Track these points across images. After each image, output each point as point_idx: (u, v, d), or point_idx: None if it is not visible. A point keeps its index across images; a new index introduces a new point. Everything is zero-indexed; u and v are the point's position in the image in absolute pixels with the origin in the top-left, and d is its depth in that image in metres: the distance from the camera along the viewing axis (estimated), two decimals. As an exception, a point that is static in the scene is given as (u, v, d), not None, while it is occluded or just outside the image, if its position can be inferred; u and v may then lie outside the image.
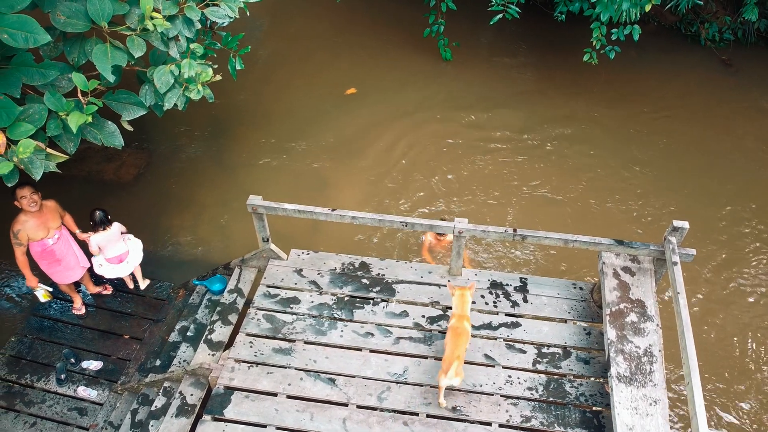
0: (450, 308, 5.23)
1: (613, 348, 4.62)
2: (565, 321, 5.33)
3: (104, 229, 5.70)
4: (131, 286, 6.35)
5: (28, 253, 5.41)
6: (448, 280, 5.36)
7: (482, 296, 5.51)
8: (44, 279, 5.85)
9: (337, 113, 8.82)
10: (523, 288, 5.59)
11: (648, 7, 7.26)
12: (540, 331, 5.22)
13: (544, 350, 5.09)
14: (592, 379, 4.89)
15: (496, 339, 5.18)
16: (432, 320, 5.33)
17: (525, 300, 5.48)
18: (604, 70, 9.39)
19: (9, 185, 3.97)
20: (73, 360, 5.77)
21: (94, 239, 5.68)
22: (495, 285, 5.62)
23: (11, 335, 6.04)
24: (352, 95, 8.49)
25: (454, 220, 5.22)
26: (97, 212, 5.66)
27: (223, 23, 5.28)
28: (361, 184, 7.74)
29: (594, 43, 7.87)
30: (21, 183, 5.00)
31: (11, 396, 5.56)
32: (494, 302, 5.47)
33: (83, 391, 5.59)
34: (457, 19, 9.65)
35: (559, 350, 5.08)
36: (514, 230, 5.12)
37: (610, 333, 4.72)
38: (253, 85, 9.23)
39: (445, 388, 4.58)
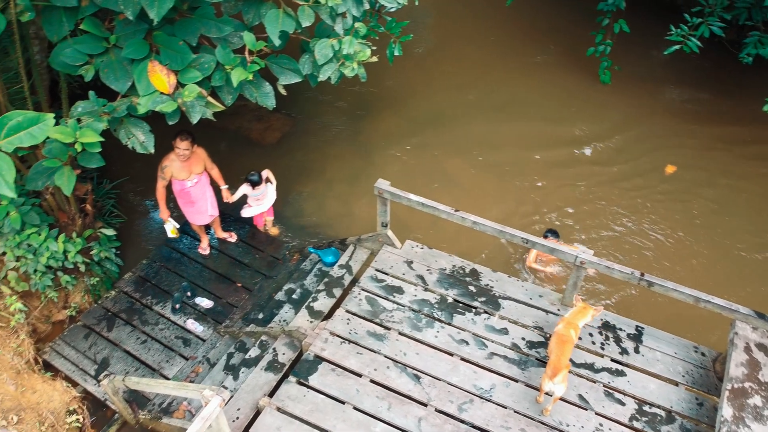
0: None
1: (725, 428, 4.17)
2: (676, 384, 4.89)
3: (255, 188, 6.39)
4: (261, 226, 6.89)
5: (169, 189, 5.91)
6: (576, 294, 5.10)
7: (590, 334, 5.21)
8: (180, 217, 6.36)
9: (478, 117, 8.70)
10: (637, 337, 5.20)
11: None
12: (645, 387, 4.84)
13: (646, 408, 4.71)
14: (693, 453, 4.46)
15: (595, 382, 4.87)
16: (531, 345, 5.13)
17: (636, 350, 5.09)
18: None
19: (170, 123, 4.32)
20: (189, 294, 6.23)
21: (244, 191, 6.39)
22: (607, 326, 5.28)
23: (144, 258, 6.64)
24: (672, 173, 8.03)
25: (578, 248, 4.97)
26: (255, 176, 6.34)
27: (392, 8, 5.38)
28: (488, 192, 7.60)
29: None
30: (184, 131, 5.48)
31: (132, 311, 6.12)
32: (602, 344, 5.14)
33: (191, 324, 6.02)
34: (625, 43, 9.11)
35: (663, 413, 4.68)
36: (642, 274, 4.77)
37: (726, 411, 4.26)
38: (405, 74, 9.34)
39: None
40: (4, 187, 3.00)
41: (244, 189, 6.38)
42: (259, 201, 6.54)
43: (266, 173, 6.56)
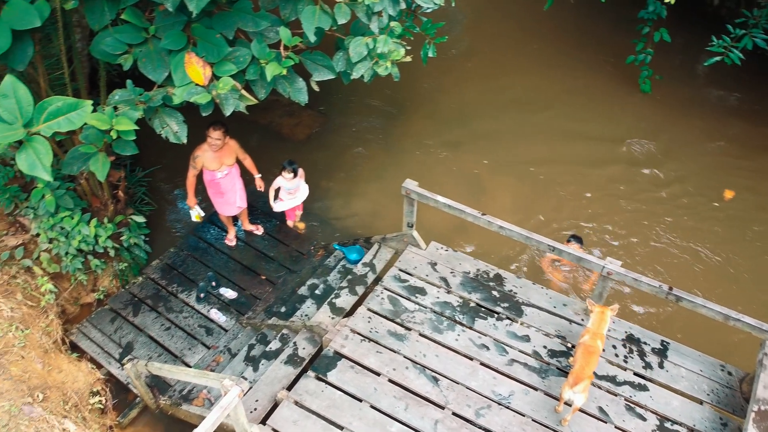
0: (575, 347, 4.93)
1: (750, 449, 4.07)
2: (701, 402, 4.78)
3: (289, 178, 6.39)
4: (292, 220, 6.95)
5: (199, 178, 5.99)
6: (588, 298, 5.02)
7: (614, 347, 5.12)
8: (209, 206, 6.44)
9: (511, 122, 8.62)
10: (661, 352, 5.10)
11: None
12: (668, 404, 4.74)
13: (667, 425, 4.61)
14: (715, 474, 4.36)
15: (616, 395, 4.79)
16: (553, 354, 5.07)
17: (660, 365, 5.00)
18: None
19: (203, 114, 4.38)
20: (213, 283, 6.31)
21: (279, 183, 6.43)
22: (631, 339, 5.19)
23: (171, 247, 6.75)
24: (730, 199, 7.86)
25: (606, 259, 4.89)
26: (292, 165, 6.35)
27: (428, 9, 5.36)
28: (517, 198, 7.53)
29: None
30: (218, 122, 5.56)
31: (157, 298, 6.22)
32: (625, 357, 5.06)
33: (215, 314, 6.09)
34: (665, 51, 8.94)
35: (685, 430, 4.58)
36: (670, 288, 4.67)
37: (752, 432, 4.16)
38: (438, 75, 9.31)
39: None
40: (41, 170, 3.08)
41: (280, 181, 6.43)
42: (292, 195, 6.57)
43: (302, 172, 6.58)
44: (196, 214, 6.31)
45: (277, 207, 6.63)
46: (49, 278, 5.66)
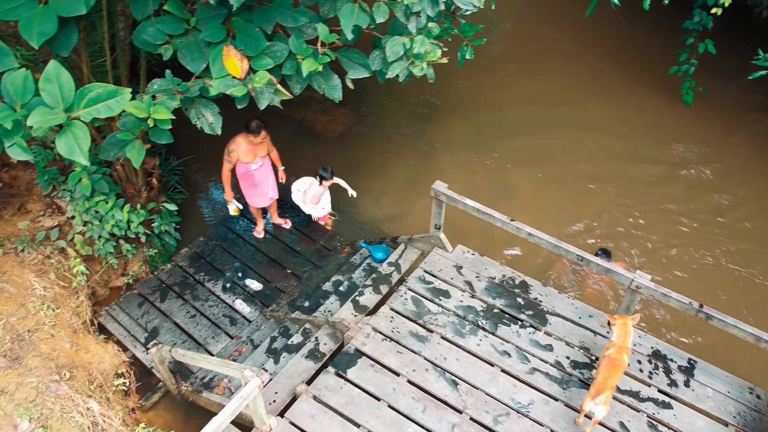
0: (598, 359, 4.85)
1: (776, 476, 3.95)
2: (726, 424, 4.66)
3: (323, 184, 6.51)
4: (324, 221, 7.01)
5: (233, 171, 6.06)
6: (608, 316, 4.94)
7: (639, 362, 5.03)
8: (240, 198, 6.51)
9: (546, 129, 8.51)
10: (688, 370, 4.98)
11: None
12: (692, 424, 4.63)
13: (691, 445, 4.51)
14: (738, 499, 4.24)
15: (639, 411, 4.70)
16: (575, 365, 5.00)
17: (686, 384, 4.88)
18: None
19: (239, 107, 4.43)
20: (240, 274, 6.38)
21: (309, 183, 6.60)
22: (657, 356, 5.09)
23: (201, 236, 6.85)
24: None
25: (635, 272, 4.80)
26: (328, 172, 6.44)
27: (467, 11, 5.33)
28: (548, 206, 7.44)
29: None
30: (259, 119, 5.63)
31: (184, 285, 6.32)
32: (650, 373, 4.96)
33: (239, 305, 6.16)
34: (710, 63, 8.72)
35: (709, 452, 4.47)
36: (700, 306, 4.56)
37: (779, 458, 4.03)
38: (474, 78, 9.25)
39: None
40: (78, 154, 3.15)
41: (309, 181, 6.47)
42: (316, 201, 6.63)
43: (338, 180, 6.63)
44: (234, 207, 6.39)
45: (306, 209, 6.76)
46: (81, 260, 5.80)
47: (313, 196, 6.59)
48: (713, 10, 7.02)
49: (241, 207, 6.49)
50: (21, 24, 3.53)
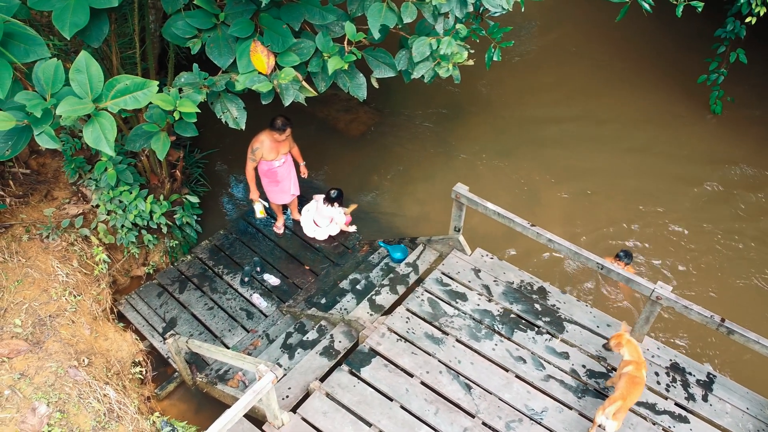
0: (615, 369, 4.80)
1: (794, 497, 3.86)
2: (745, 441, 4.58)
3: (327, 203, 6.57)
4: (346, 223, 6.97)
5: (256, 169, 6.10)
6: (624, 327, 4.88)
7: (656, 374, 4.95)
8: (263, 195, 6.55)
9: (571, 136, 8.41)
10: (707, 384, 4.90)
11: None
12: (709, 439, 4.56)
13: (707, 461, 4.44)
14: None
15: (654, 424, 4.63)
16: (591, 374, 4.94)
17: (704, 398, 4.80)
18: None
19: (263, 103, 4.45)
20: (258, 269, 6.42)
21: (318, 201, 6.68)
22: (675, 368, 5.01)
23: (221, 229, 6.90)
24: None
25: (657, 283, 4.73)
26: (335, 193, 6.51)
27: (495, 13, 5.29)
28: (570, 213, 7.36)
29: None
30: (285, 117, 5.65)
31: (203, 277, 6.38)
32: (667, 386, 4.88)
33: (257, 299, 6.20)
34: (739, 73, 8.55)
35: (725, 469, 4.40)
36: (722, 320, 4.48)
37: (798, 479, 3.95)
38: (500, 81, 9.18)
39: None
40: (105, 144, 3.19)
41: (313, 206, 6.66)
42: (323, 220, 6.67)
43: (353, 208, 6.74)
44: (260, 208, 6.43)
45: (305, 227, 6.81)
46: (104, 248, 5.87)
47: (322, 217, 6.66)
48: (747, 19, 6.88)
49: (267, 206, 6.52)
50: (54, 14, 3.59)
